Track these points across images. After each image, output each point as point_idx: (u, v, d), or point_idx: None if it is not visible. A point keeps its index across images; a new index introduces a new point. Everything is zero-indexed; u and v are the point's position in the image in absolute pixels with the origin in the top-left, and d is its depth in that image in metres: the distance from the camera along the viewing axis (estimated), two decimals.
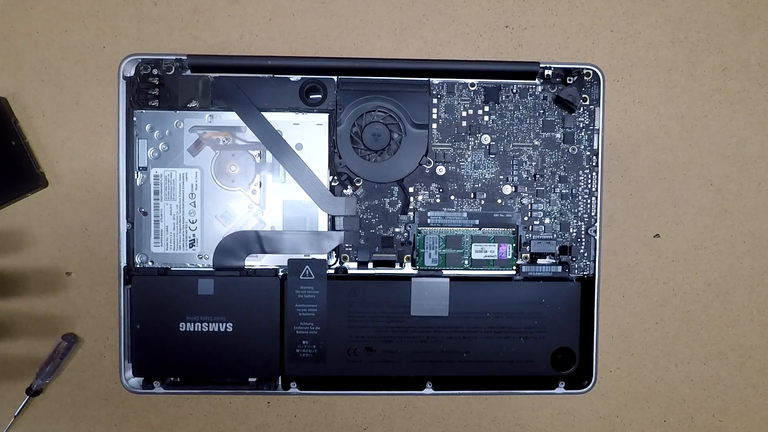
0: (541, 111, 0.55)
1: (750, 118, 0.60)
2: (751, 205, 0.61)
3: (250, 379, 0.55)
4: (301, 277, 0.54)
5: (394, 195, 0.55)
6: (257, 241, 0.54)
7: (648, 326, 0.61)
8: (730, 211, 0.61)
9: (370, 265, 0.55)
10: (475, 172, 0.55)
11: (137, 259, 0.54)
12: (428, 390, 0.55)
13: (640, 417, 0.62)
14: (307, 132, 0.54)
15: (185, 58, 0.52)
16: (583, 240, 0.55)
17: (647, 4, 0.59)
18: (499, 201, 0.55)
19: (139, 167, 0.53)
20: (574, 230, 0.55)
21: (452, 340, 0.55)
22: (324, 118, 0.54)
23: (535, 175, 0.55)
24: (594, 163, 0.55)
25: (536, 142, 0.55)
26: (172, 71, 0.53)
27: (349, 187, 0.55)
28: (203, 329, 0.54)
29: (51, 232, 0.58)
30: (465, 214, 0.55)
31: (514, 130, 0.55)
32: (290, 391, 0.55)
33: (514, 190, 0.55)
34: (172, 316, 0.53)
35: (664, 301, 0.61)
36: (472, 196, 0.55)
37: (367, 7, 0.59)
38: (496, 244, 0.55)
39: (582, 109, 0.55)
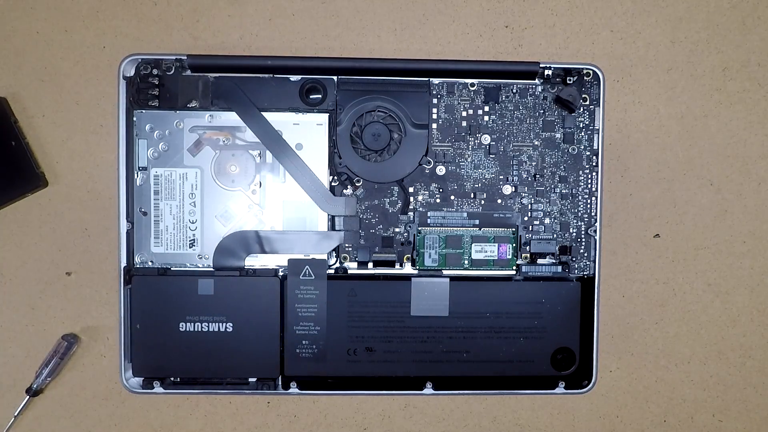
0: (541, 111, 0.55)
1: (750, 118, 0.60)
2: (751, 205, 0.61)
3: (250, 379, 0.55)
4: (301, 277, 0.54)
5: (394, 195, 0.55)
6: (257, 241, 0.54)
7: (648, 326, 0.61)
8: (730, 211, 0.61)
9: (370, 265, 0.55)
10: (475, 172, 0.55)
11: (137, 259, 0.54)
12: (428, 390, 0.55)
13: (640, 417, 0.62)
14: (307, 132, 0.54)
15: (185, 58, 0.52)
16: (583, 240, 0.55)
17: (647, 4, 0.59)
18: (499, 201, 0.55)
19: (139, 167, 0.53)
20: (574, 230, 0.55)
21: (452, 340, 0.55)
22: (324, 118, 0.54)
23: (535, 175, 0.55)
24: (594, 163, 0.55)
25: (536, 142, 0.55)
26: (172, 71, 0.53)
27: (349, 187, 0.55)
28: (203, 329, 0.54)
29: (51, 232, 0.58)
30: (465, 214, 0.55)
31: (514, 130, 0.55)
32: (290, 391, 0.55)
33: (514, 190, 0.55)
34: (172, 316, 0.53)
35: (664, 301, 0.61)
36: (472, 196, 0.55)
37: (367, 7, 0.59)
38: (496, 244, 0.55)
39: (582, 109, 0.55)
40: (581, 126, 0.55)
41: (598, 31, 0.59)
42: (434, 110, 0.55)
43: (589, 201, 0.55)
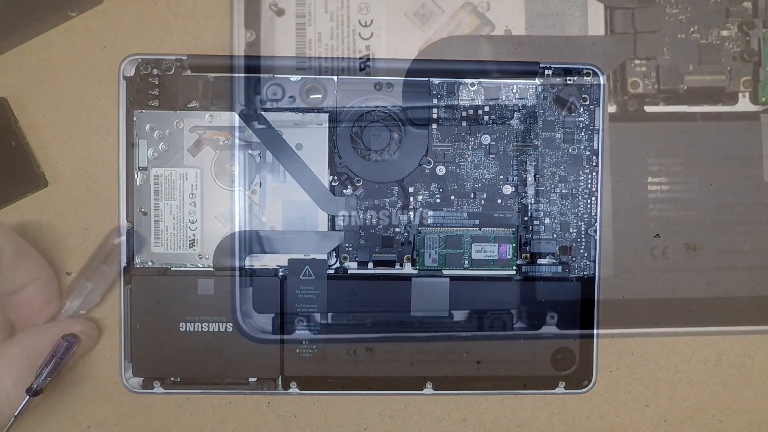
0: (541, 111, 0.55)
1: (750, 118, 0.60)
2: (751, 205, 0.61)
3: (250, 379, 0.55)
4: (301, 277, 0.54)
5: (394, 195, 0.55)
6: (257, 241, 0.54)
7: (648, 326, 0.61)
8: (730, 211, 0.61)
9: (370, 265, 0.55)
10: (475, 172, 0.55)
11: (137, 259, 0.54)
12: (428, 390, 0.55)
13: (640, 417, 0.62)
14: (307, 132, 0.54)
15: (185, 58, 0.52)
16: (584, 240, 0.55)
17: (647, 3, 0.59)
18: (499, 201, 0.55)
19: (139, 167, 0.53)
20: (574, 230, 0.55)
21: (452, 340, 0.55)
22: (324, 118, 0.54)
23: (535, 175, 0.55)
24: (594, 163, 0.55)
25: (536, 142, 0.55)
26: (172, 71, 0.53)
27: (349, 187, 0.55)
28: (203, 329, 0.54)
29: (51, 232, 0.58)
30: (465, 214, 0.55)
31: (514, 130, 0.55)
32: (290, 391, 0.55)
33: (514, 190, 0.55)
34: (172, 316, 0.53)
35: (664, 302, 0.61)
36: (472, 196, 0.55)
37: (367, 7, 0.58)
38: (496, 244, 0.55)
39: (582, 109, 0.55)
40: (581, 126, 0.55)
41: (598, 31, 0.59)
42: (434, 110, 0.55)
43: (589, 201, 0.55)
